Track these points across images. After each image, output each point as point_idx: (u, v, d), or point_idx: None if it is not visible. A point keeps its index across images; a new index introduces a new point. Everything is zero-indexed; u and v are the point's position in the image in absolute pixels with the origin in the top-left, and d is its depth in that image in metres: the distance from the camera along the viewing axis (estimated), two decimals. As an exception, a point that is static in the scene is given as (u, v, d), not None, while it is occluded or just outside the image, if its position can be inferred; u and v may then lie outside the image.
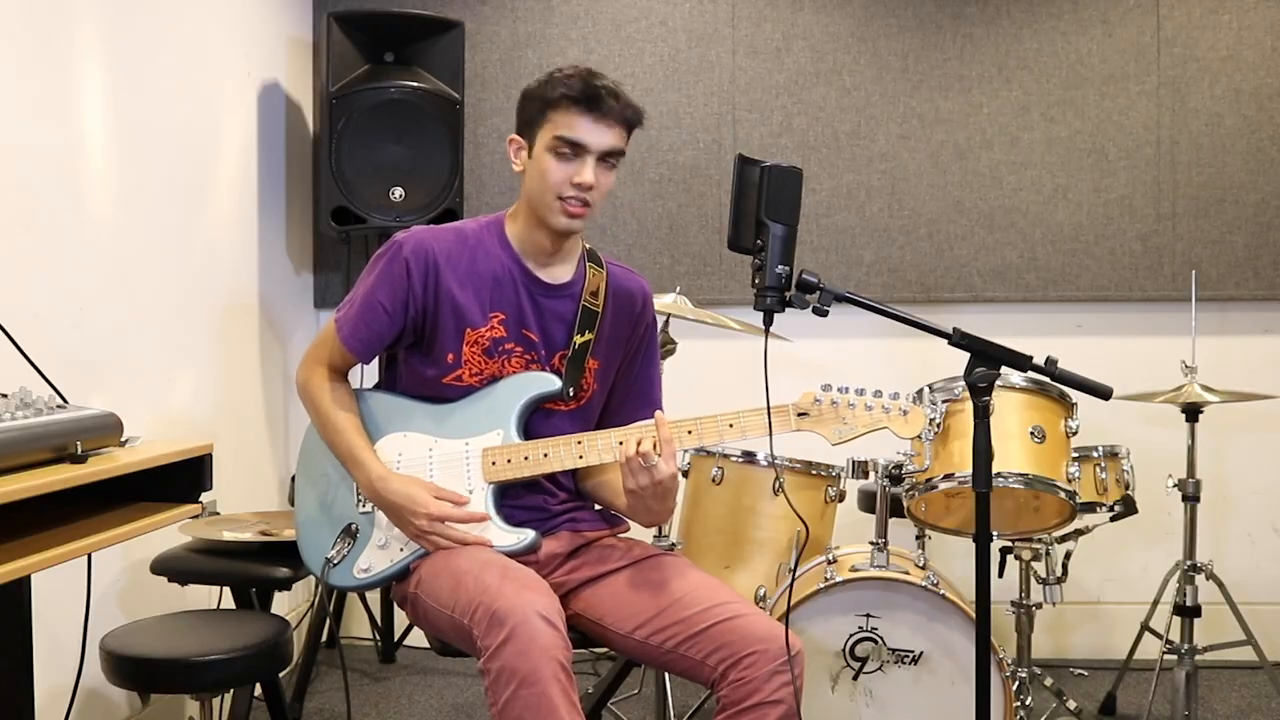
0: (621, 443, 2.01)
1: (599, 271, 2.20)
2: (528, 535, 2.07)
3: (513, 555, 2.05)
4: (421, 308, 2.09)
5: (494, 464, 2.09)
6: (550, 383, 2.12)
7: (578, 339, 2.15)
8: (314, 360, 2.18)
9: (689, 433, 2.04)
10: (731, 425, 2.04)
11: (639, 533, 2.28)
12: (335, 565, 2.11)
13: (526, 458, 2.08)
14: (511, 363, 2.13)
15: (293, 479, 2.30)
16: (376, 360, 2.27)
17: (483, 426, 2.11)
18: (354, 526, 2.13)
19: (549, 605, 1.82)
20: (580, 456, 2.07)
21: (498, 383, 2.12)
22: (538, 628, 1.76)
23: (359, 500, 2.14)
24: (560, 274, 2.17)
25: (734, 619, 1.94)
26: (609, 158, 2.06)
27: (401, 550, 2.10)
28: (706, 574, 2.10)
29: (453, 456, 2.11)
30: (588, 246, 2.23)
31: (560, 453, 2.08)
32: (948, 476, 2.59)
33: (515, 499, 2.13)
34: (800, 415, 2.05)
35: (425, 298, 2.08)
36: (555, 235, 2.10)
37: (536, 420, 2.14)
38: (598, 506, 2.27)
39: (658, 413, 2.01)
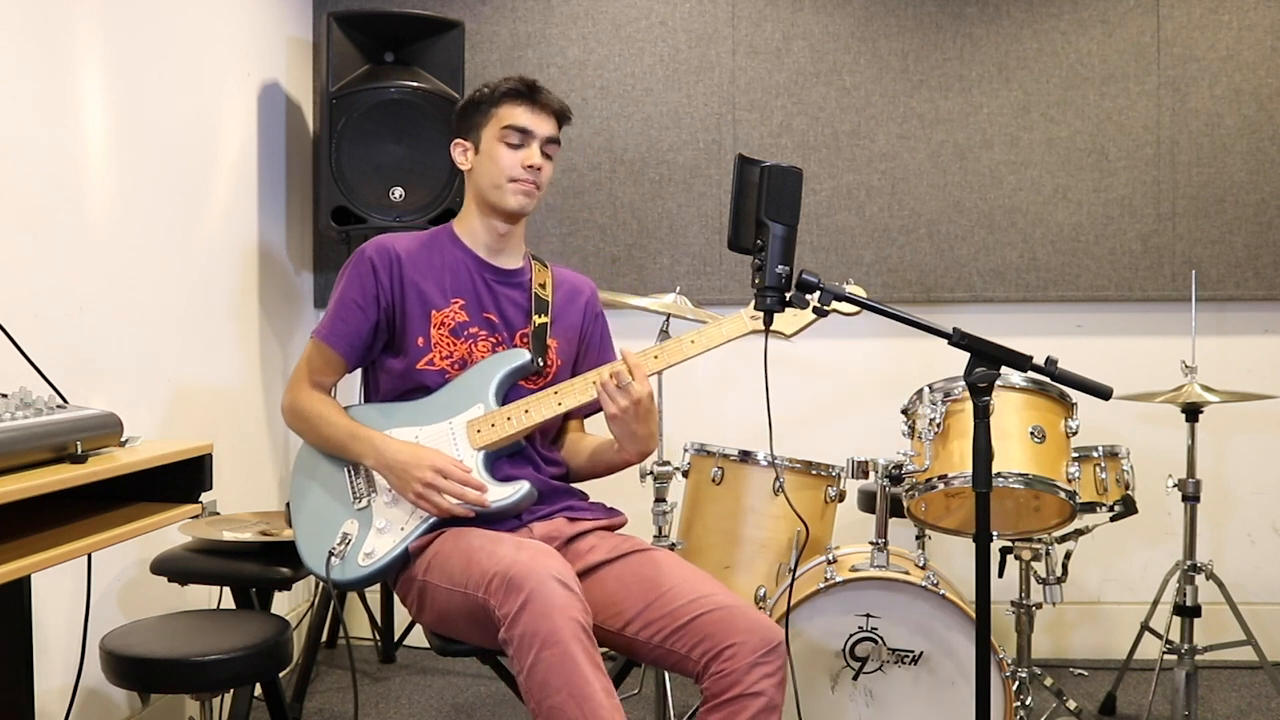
0: (595, 382, 2.15)
1: (544, 268, 2.38)
2: (523, 486, 2.14)
3: (510, 509, 2.13)
4: (390, 299, 2.23)
5: (479, 432, 2.18)
6: (521, 356, 2.24)
7: (536, 319, 2.28)
8: (296, 382, 2.29)
9: (655, 358, 2.18)
10: (694, 341, 2.19)
11: (632, 529, 2.29)
12: (340, 560, 2.12)
13: (509, 419, 2.18)
14: (479, 345, 2.24)
15: (287, 505, 2.33)
16: (359, 384, 2.35)
17: (463, 405, 2.21)
18: (353, 523, 2.16)
19: (563, 569, 1.86)
20: (559, 404, 2.18)
21: (470, 368, 2.22)
22: (554, 590, 1.80)
23: (354, 497, 2.18)
24: (509, 262, 2.33)
25: (715, 611, 1.96)
26: (548, 145, 2.27)
27: (403, 529, 2.13)
28: (694, 568, 2.13)
29: (438, 436, 2.18)
30: (532, 254, 2.39)
31: (540, 405, 2.18)
32: (947, 476, 2.59)
33: (506, 470, 2.19)
34: (753, 318, 2.18)
35: (392, 289, 2.23)
36: (506, 219, 2.28)
37: (510, 399, 2.22)
38: (594, 499, 2.31)
39: (623, 347, 2.16)
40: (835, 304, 2.13)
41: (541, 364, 2.26)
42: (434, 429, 2.18)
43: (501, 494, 2.12)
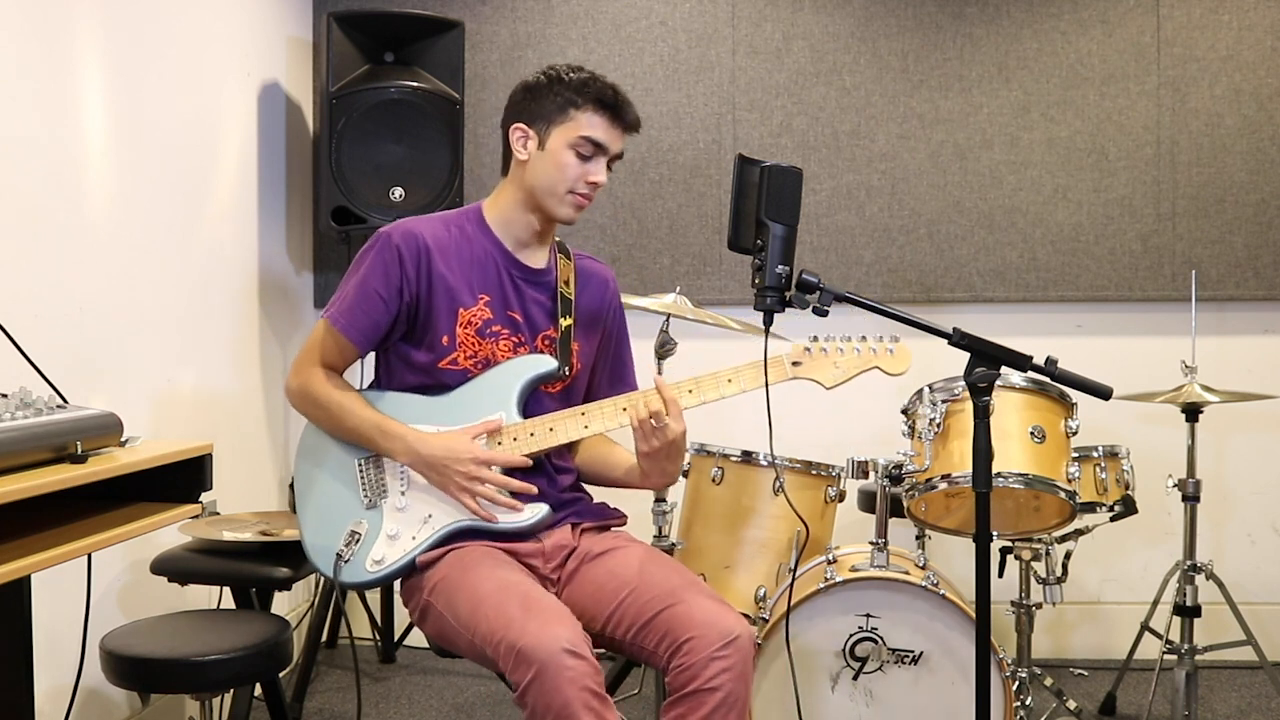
0: (626, 409, 2.09)
1: (568, 262, 2.29)
2: (541, 509, 2.11)
3: (527, 531, 2.10)
4: (415, 293, 2.12)
5: (500, 445, 2.12)
6: (547, 363, 2.17)
7: (563, 322, 2.21)
8: (306, 364, 2.18)
9: (689, 391, 2.12)
10: (730, 380, 2.13)
11: (632, 529, 2.29)
12: (347, 562, 2.11)
13: (533, 434, 2.12)
14: (500, 345, 2.17)
15: (290, 486, 2.30)
16: (371, 363, 2.29)
17: (484, 410, 2.14)
18: (362, 523, 2.13)
19: (573, 635, 1.82)
20: (586, 426, 2.13)
21: (493, 368, 2.16)
22: (564, 663, 1.77)
23: (365, 497, 2.14)
24: (537, 260, 2.24)
25: (676, 605, 1.95)
26: (614, 160, 2.18)
27: (414, 539, 2.11)
28: (671, 563, 2.12)
29: None
30: (556, 239, 2.31)
31: (566, 425, 2.13)
32: (947, 477, 2.59)
33: (519, 480, 2.14)
34: (795, 364, 2.15)
35: (418, 282, 2.12)
36: (547, 222, 2.19)
37: (529, 403, 2.18)
38: (598, 500, 2.29)
39: (657, 376, 2.11)
40: (880, 366, 2.15)
41: (566, 372, 2.20)
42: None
43: (519, 517, 2.10)
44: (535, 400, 2.18)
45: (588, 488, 2.34)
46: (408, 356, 2.16)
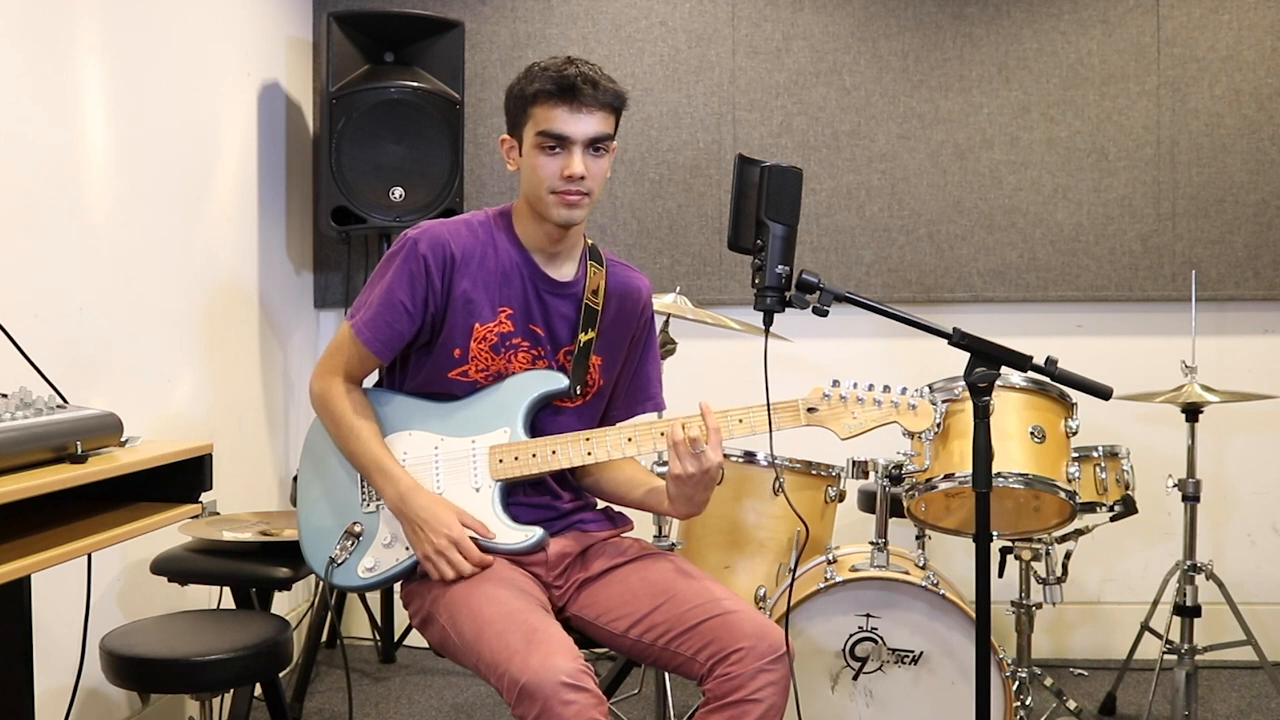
0: (664, 433, 2.03)
1: (599, 270, 2.21)
2: (535, 533, 2.08)
3: (520, 554, 2.07)
4: (438, 304, 2.08)
5: (501, 462, 2.09)
6: (557, 380, 2.13)
7: (582, 337, 2.15)
8: (329, 371, 2.14)
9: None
10: (741, 421, 2.06)
11: (636, 531, 2.29)
12: (339, 565, 2.10)
13: (534, 455, 2.09)
14: (518, 358, 2.12)
15: (294, 478, 2.30)
16: None
17: (489, 424, 2.11)
18: (358, 525, 2.12)
19: (573, 668, 1.79)
20: (589, 454, 2.09)
21: (504, 380, 2.12)
22: (567, 699, 1.75)
23: (364, 499, 2.13)
24: (565, 271, 2.17)
25: (724, 615, 1.94)
26: (596, 144, 2.04)
27: (407, 549, 2.09)
28: (702, 572, 2.10)
29: (459, 454, 2.11)
30: (590, 243, 2.23)
31: (569, 450, 2.09)
32: (948, 476, 2.59)
33: (521, 498, 2.13)
34: (810, 411, 2.07)
35: (442, 293, 2.07)
36: (557, 228, 2.10)
37: (543, 417, 2.14)
38: (601, 506, 2.27)
39: (703, 402, 2.02)
40: (900, 422, 2.05)
41: (578, 390, 2.15)
42: (456, 444, 2.11)
43: (511, 539, 2.07)
44: (550, 415, 2.15)
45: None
46: (417, 363, 2.14)
